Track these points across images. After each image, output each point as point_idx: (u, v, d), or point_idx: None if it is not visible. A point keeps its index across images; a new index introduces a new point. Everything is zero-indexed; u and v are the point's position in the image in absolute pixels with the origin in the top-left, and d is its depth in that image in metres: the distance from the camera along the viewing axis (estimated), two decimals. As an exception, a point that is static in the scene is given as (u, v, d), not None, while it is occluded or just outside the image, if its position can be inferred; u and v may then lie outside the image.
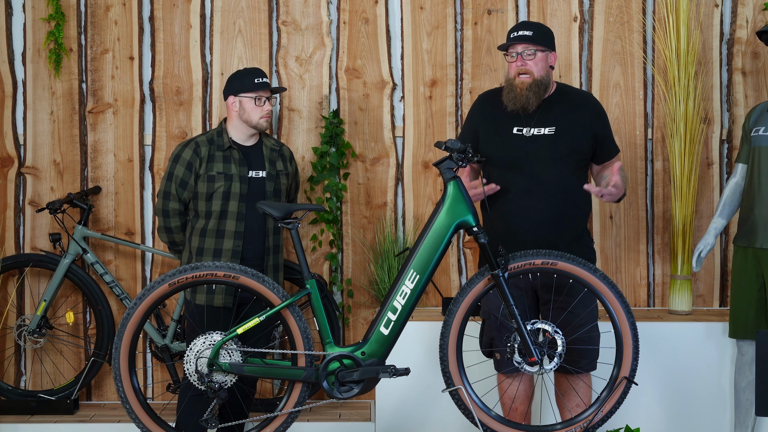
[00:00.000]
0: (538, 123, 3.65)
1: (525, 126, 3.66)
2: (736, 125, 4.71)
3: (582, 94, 3.87)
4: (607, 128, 3.75)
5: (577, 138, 3.63)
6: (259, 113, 3.97)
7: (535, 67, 3.62)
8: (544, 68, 3.65)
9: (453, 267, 4.78)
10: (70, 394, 4.56)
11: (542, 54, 3.64)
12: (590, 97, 3.83)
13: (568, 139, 3.62)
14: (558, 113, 3.66)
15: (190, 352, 3.43)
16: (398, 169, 4.79)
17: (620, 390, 3.50)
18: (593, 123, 3.69)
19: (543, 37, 3.66)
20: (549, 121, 3.65)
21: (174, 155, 3.97)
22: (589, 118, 3.69)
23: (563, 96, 3.73)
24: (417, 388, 4.25)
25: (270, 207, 3.52)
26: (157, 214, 4.05)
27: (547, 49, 3.67)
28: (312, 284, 3.50)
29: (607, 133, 3.75)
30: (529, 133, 3.66)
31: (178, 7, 4.74)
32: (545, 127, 3.64)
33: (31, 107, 4.74)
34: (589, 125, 3.67)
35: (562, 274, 3.49)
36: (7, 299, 4.71)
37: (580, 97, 3.78)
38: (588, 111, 3.71)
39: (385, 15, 4.76)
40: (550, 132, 3.64)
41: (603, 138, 3.72)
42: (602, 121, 3.73)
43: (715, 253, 4.77)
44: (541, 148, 3.62)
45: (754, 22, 4.72)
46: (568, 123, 3.65)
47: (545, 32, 3.69)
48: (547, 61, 3.67)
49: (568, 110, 3.68)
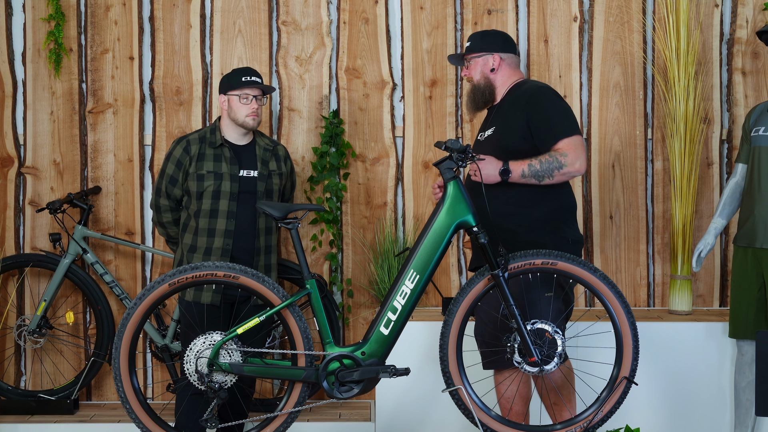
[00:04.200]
0: (488, 126, 3.75)
1: (483, 130, 3.78)
2: (736, 125, 4.71)
3: (527, 87, 3.74)
4: (542, 115, 3.60)
5: (512, 133, 3.62)
6: (245, 111, 3.98)
7: (472, 72, 3.76)
8: (480, 73, 3.74)
9: (453, 267, 4.78)
10: (70, 394, 4.56)
11: (476, 60, 3.74)
12: (533, 89, 3.70)
13: (504, 137, 3.63)
14: (502, 113, 3.71)
15: (190, 352, 3.43)
16: (398, 169, 4.79)
17: (620, 390, 3.50)
18: (526, 112, 3.61)
19: (479, 43, 3.74)
20: (493, 123, 3.72)
21: (167, 152, 4.06)
22: (522, 109, 3.63)
23: (513, 95, 3.73)
24: (417, 388, 4.25)
25: (270, 207, 3.53)
26: (151, 208, 4.18)
27: (483, 53, 3.73)
28: (312, 284, 3.50)
29: (539, 118, 3.60)
30: (483, 137, 3.75)
31: (178, 7, 4.74)
32: (490, 128, 3.72)
33: (31, 107, 4.74)
34: (522, 115, 3.62)
35: (562, 274, 3.49)
36: (7, 299, 4.71)
37: (525, 90, 3.71)
38: (523, 101, 3.64)
39: (385, 15, 4.76)
40: (491, 133, 3.71)
41: (536, 125, 3.59)
42: (535, 107, 3.61)
43: (715, 253, 4.77)
44: (486, 149, 3.68)
45: (754, 22, 4.72)
46: (506, 120, 3.67)
47: (483, 36, 3.77)
48: (486, 64, 3.74)
49: (510, 107, 3.69)
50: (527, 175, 3.55)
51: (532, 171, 3.54)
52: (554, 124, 3.59)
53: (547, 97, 3.64)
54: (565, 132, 3.57)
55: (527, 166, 3.54)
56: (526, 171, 3.54)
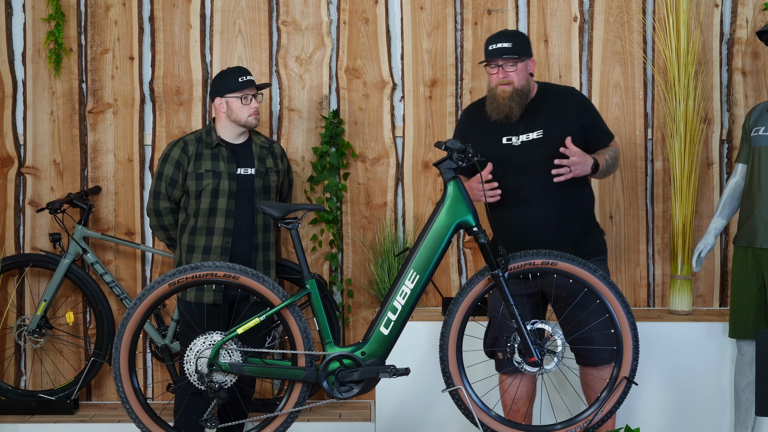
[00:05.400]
0: (525, 129, 3.68)
1: (513, 134, 3.69)
2: (736, 125, 4.71)
3: (564, 90, 3.86)
4: (593, 117, 3.76)
5: (566, 135, 3.63)
6: (247, 112, 3.99)
7: (516, 77, 3.65)
8: (525, 77, 3.69)
9: (453, 267, 4.78)
10: (70, 394, 4.56)
11: (522, 64, 3.68)
12: (572, 92, 3.84)
13: (558, 138, 3.63)
14: (543, 116, 3.68)
15: (190, 352, 3.44)
16: (398, 169, 4.79)
17: (620, 390, 3.50)
18: (579, 116, 3.70)
19: (521, 46, 3.69)
20: (535, 126, 3.67)
21: (163, 155, 4.03)
22: (574, 111, 3.70)
23: (546, 97, 3.74)
24: (417, 388, 4.25)
25: (270, 207, 3.53)
26: (149, 214, 4.11)
27: (526, 57, 3.69)
28: (312, 284, 3.50)
29: (594, 122, 3.75)
30: (518, 141, 3.69)
31: (178, 7, 4.74)
32: (532, 132, 3.67)
33: (31, 107, 4.74)
34: (575, 119, 3.68)
35: (562, 273, 3.49)
36: (7, 299, 4.71)
37: (563, 94, 3.79)
38: (571, 105, 3.72)
39: (385, 15, 4.76)
40: (538, 136, 3.66)
41: (591, 127, 3.72)
42: (587, 111, 3.75)
43: (715, 253, 4.77)
44: (532, 153, 3.64)
45: (754, 22, 4.72)
46: (554, 123, 3.66)
47: (522, 40, 3.72)
48: (527, 69, 3.71)
49: (553, 110, 3.69)
50: (603, 169, 3.69)
51: (607, 165, 3.71)
52: (604, 125, 3.82)
53: (590, 102, 3.86)
54: (611, 132, 3.84)
55: (605, 160, 3.69)
56: (604, 166, 3.69)
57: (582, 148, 3.65)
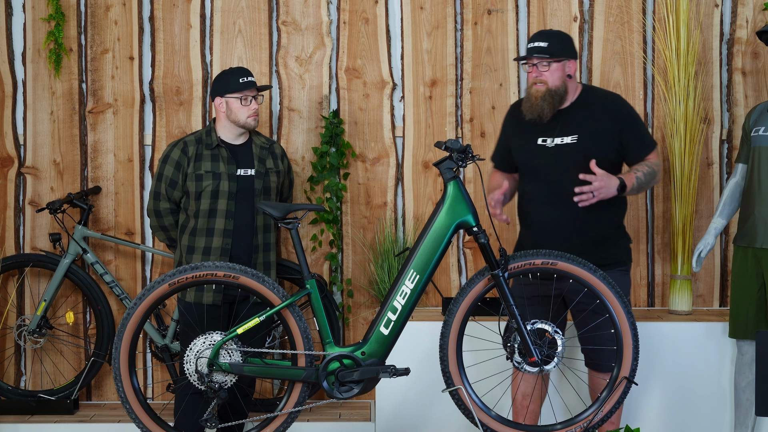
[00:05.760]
0: (561, 132, 3.67)
1: (549, 136, 3.69)
2: (736, 125, 4.71)
3: (606, 96, 3.82)
4: (634, 127, 3.71)
5: (600, 144, 3.62)
6: (246, 112, 3.99)
7: (551, 77, 3.64)
8: (560, 78, 3.65)
9: (453, 267, 4.78)
10: (70, 394, 4.56)
11: (557, 64, 3.65)
12: (615, 98, 3.80)
13: (591, 146, 3.61)
14: (581, 120, 3.66)
15: (190, 352, 3.43)
16: (398, 169, 4.79)
17: (620, 390, 3.50)
18: (618, 124, 3.67)
19: (558, 47, 3.65)
20: (571, 130, 3.66)
21: (163, 156, 4.04)
22: (613, 120, 3.67)
23: (587, 101, 3.72)
24: (417, 388, 4.25)
25: (270, 207, 3.53)
26: (149, 215, 4.11)
27: (564, 58, 3.66)
28: (312, 284, 3.50)
29: (632, 132, 3.70)
30: (552, 143, 3.68)
31: (178, 7, 4.74)
32: (568, 135, 3.66)
33: (31, 107, 4.74)
34: (612, 128, 3.66)
35: (562, 273, 3.48)
36: (7, 299, 4.71)
37: (604, 99, 3.76)
38: (611, 113, 3.69)
39: (385, 15, 4.76)
40: (572, 141, 3.65)
41: (628, 137, 3.69)
42: (626, 120, 3.70)
43: (715, 253, 4.77)
44: (563, 157, 3.64)
45: (754, 22, 4.72)
46: (590, 129, 3.64)
47: (560, 41, 3.68)
48: (564, 70, 3.67)
49: (592, 116, 3.67)
50: (635, 187, 3.61)
51: (639, 183, 3.62)
52: (644, 135, 3.75)
53: (632, 109, 3.76)
54: (652, 143, 3.76)
55: (635, 179, 3.60)
56: (635, 184, 3.61)
57: (617, 159, 3.64)
